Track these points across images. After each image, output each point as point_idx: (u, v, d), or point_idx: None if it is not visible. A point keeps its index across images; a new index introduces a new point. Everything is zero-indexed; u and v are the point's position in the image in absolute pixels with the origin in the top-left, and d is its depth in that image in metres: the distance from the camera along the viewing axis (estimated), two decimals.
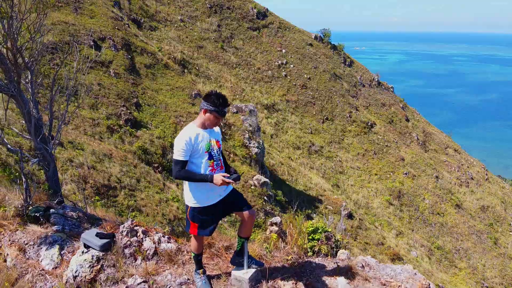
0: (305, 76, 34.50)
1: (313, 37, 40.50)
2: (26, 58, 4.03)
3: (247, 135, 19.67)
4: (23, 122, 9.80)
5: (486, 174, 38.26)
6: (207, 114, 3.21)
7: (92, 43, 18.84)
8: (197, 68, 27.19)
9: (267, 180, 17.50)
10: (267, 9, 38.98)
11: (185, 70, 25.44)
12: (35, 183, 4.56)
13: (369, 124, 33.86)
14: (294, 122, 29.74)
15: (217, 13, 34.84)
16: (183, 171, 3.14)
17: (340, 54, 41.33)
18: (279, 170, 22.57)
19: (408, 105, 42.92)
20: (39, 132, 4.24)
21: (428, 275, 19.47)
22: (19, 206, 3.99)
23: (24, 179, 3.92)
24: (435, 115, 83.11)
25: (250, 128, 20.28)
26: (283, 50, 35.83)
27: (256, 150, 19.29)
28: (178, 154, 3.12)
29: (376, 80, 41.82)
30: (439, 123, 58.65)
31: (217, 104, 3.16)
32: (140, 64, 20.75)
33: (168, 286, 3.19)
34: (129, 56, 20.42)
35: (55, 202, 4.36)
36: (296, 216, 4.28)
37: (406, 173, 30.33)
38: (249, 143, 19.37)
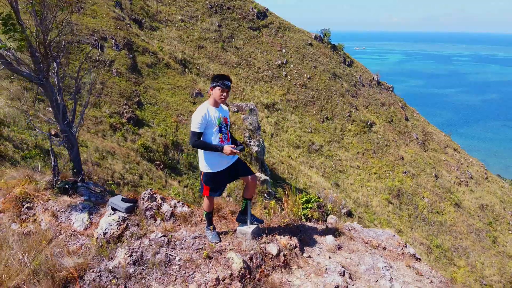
0: (305, 75, 34.93)
1: (313, 37, 40.94)
2: (53, 52, 4.57)
3: (247, 134, 20.07)
4: (29, 120, 10.31)
5: (486, 173, 38.54)
6: (213, 90, 3.88)
7: (95, 42, 19.25)
8: (197, 67, 27.65)
9: (267, 178, 17.90)
10: (267, 9, 39.41)
11: (186, 70, 25.90)
12: (64, 158, 5.09)
13: (368, 123, 34.25)
14: (294, 121, 30.13)
15: (217, 13, 35.29)
16: (199, 141, 3.78)
17: (340, 54, 41.75)
18: (279, 169, 22.91)
19: (408, 105, 43.32)
20: (65, 117, 4.78)
21: None
22: (49, 181, 4.55)
23: (52, 158, 4.46)
24: (435, 115, 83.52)
25: (251, 127, 20.68)
26: (283, 50, 36.29)
27: (256, 148, 19.69)
28: (195, 126, 3.76)
29: (376, 79, 42.27)
30: (439, 123, 59.07)
31: (217, 78, 3.85)
32: (141, 64, 21.11)
33: (184, 239, 3.78)
34: (131, 56, 20.78)
35: (79, 179, 4.91)
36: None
37: (405, 172, 30.67)
38: (250, 142, 19.77)
